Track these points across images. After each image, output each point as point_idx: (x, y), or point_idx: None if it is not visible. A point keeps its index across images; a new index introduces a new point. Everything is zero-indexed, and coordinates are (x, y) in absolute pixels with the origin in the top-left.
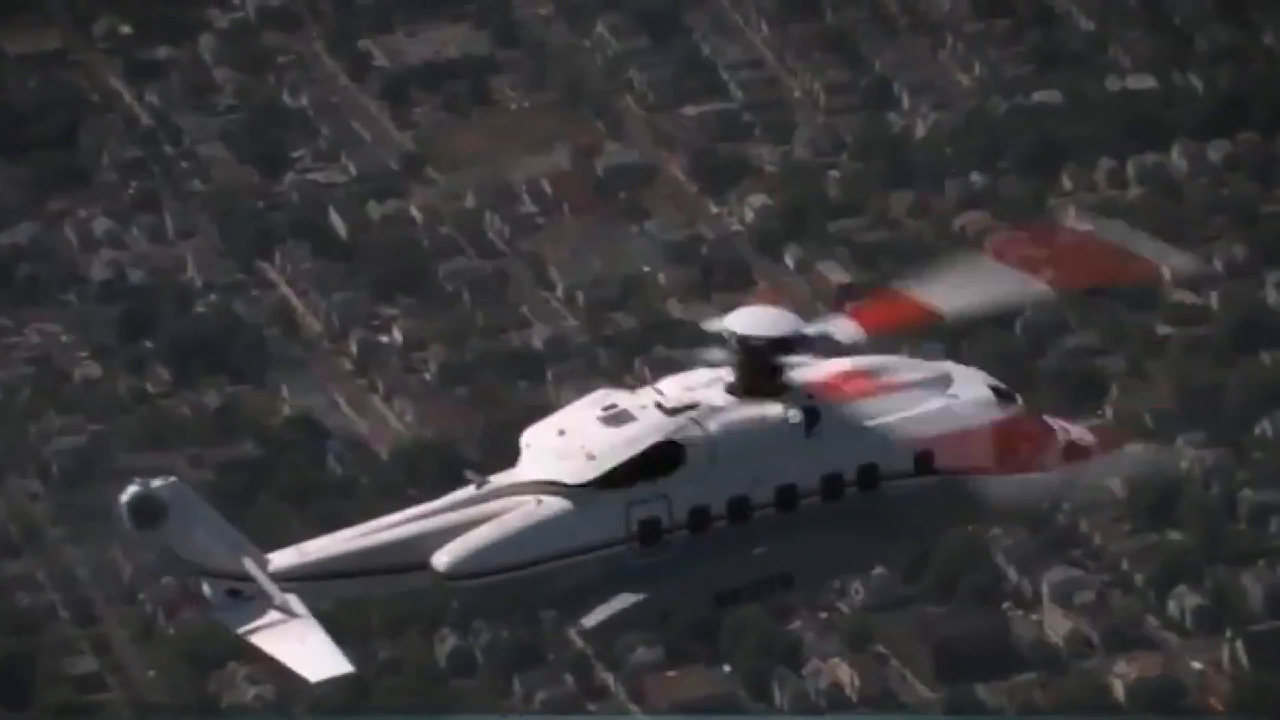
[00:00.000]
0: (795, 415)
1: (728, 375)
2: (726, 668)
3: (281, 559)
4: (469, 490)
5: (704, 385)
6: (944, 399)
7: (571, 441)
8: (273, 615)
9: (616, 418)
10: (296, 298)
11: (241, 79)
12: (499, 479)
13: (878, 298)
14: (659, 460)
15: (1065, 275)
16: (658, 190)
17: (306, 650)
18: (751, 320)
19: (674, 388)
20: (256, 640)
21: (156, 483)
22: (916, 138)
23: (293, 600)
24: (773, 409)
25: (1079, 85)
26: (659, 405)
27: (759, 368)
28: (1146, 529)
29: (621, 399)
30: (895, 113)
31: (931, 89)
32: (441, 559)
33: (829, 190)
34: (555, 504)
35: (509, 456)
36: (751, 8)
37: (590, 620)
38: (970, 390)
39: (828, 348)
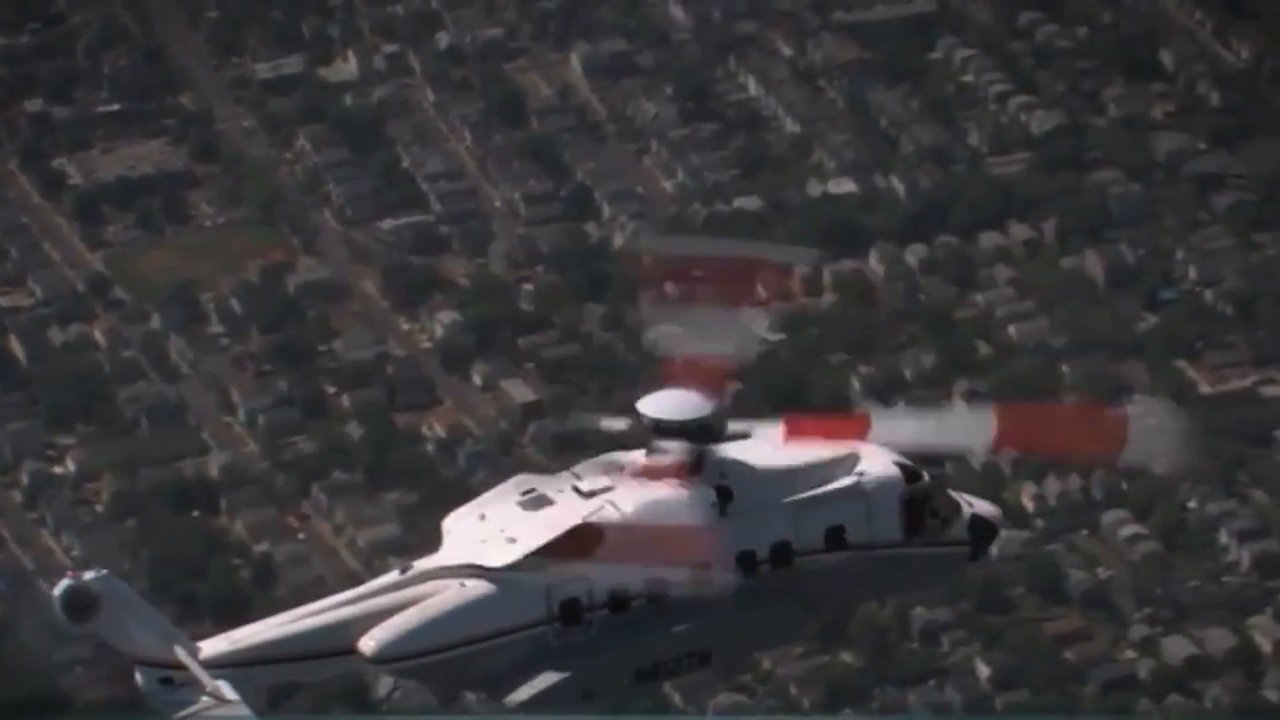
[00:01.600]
0: (709, 495)
1: (643, 458)
2: None
3: (211, 647)
4: (393, 575)
5: (620, 469)
6: (852, 476)
7: (492, 526)
8: (205, 701)
9: (535, 501)
10: None
11: None
12: (422, 564)
13: (683, 365)
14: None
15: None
16: (348, 307)
17: None
18: (665, 404)
19: (591, 471)
20: None
21: (88, 575)
22: (614, 248)
23: (223, 686)
24: (687, 489)
25: (780, 191)
26: (576, 489)
27: (673, 450)
28: (818, 651)
29: (539, 483)
30: (595, 222)
31: (632, 197)
32: (368, 643)
33: (521, 304)
34: (478, 587)
35: (178, 594)
36: (456, 117)
37: (515, 698)
38: (877, 467)
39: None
